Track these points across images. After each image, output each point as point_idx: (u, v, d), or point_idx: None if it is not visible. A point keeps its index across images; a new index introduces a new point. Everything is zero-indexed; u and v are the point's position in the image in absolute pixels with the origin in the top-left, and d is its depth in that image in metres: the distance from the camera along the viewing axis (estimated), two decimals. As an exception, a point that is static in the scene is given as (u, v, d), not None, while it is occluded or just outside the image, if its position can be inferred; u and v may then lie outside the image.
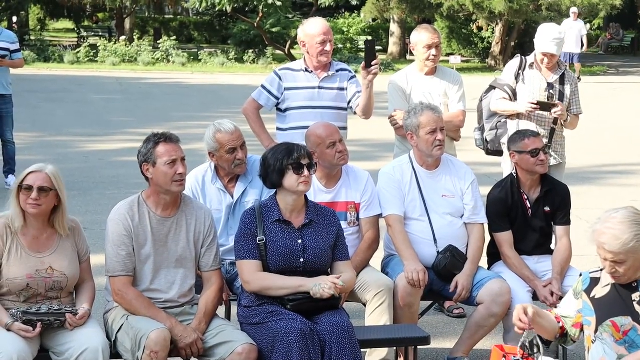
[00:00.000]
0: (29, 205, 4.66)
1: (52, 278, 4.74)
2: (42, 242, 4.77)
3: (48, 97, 21.38)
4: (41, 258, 4.74)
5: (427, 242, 5.61)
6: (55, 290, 4.77)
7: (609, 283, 4.32)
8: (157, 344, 4.52)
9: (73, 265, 4.82)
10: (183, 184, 4.86)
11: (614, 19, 42.31)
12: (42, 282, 4.73)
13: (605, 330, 4.24)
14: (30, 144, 14.17)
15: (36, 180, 4.67)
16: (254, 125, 6.65)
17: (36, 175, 4.68)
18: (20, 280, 4.69)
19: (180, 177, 4.80)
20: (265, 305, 4.83)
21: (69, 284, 4.82)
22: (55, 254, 4.77)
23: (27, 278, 4.70)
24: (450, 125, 6.36)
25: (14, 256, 4.71)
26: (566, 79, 6.97)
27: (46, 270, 4.73)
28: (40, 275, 4.72)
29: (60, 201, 4.75)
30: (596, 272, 4.40)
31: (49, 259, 4.75)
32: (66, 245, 4.82)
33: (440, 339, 6.23)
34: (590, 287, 4.35)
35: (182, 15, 51.51)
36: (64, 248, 4.81)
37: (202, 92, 24.01)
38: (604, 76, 32.41)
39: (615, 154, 14.89)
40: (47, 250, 4.77)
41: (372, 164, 9.26)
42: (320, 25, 6.43)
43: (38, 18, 47.65)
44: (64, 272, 4.77)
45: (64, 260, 4.78)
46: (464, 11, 33.50)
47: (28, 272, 4.70)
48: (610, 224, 4.21)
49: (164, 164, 4.77)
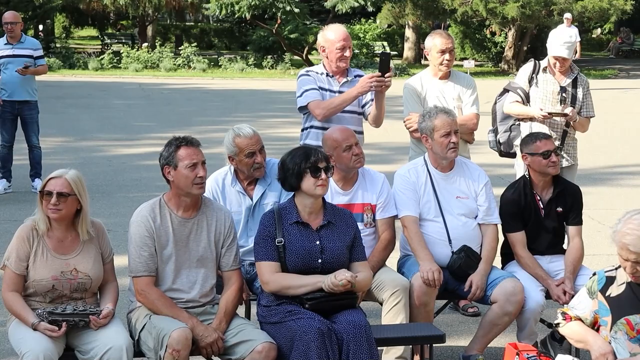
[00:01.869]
0: (49, 210, 4.76)
1: (76, 279, 4.83)
2: (66, 244, 4.86)
3: (73, 103, 21.56)
4: (66, 260, 4.83)
5: (442, 242, 5.68)
6: (79, 291, 4.86)
7: (624, 282, 4.35)
8: (179, 342, 4.58)
9: (97, 266, 4.90)
10: (203, 187, 4.94)
11: (624, 23, 42.29)
12: (67, 284, 4.81)
13: (619, 328, 4.28)
14: (55, 148, 14.34)
15: (56, 185, 4.76)
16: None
17: (56, 181, 4.78)
18: (46, 282, 4.78)
19: (200, 180, 4.87)
20: (284, 304, 4.90)
21: (93, 285, 4.91)
22: (79, 256, 4.86)
23: (53, 279, 4.79)
24: (463, 128, 6.41)
25: (39, 258, 4.80)
26: (578, 83, 7.02)
27: (71, 272, 4.82)
28: (65, 277, 4.81)
29: (81, 205, 4.84)
30: (611, 271, 4.42)
31: (73, 260, 4.84)
32: (90, 247, 4.91)
33: (455, 337, 6.29)
34: (606, 286, 4.38)
35: (202, 23, 51.65)
36: (88, 250, 4.89)
37: (222, 97, 24.11)
38: (614, 79, 32.36)
39: (626, 155, 14.91)
40: (71, 253, 4.86)
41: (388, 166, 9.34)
42: (340, 31, 6.47)
43: (63, 26, 47.95)
44: (88, 273, 4.86)
45: (88, 262, 4.87)
46: (478, 16, 33.59)
47: (53, 273, 4.79)
48: (633, 225, 4.24)
49: (185, 167, 4.86)
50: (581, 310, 4.52)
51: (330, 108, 6.30)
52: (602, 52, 45.98)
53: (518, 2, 31.03)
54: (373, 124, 6.59)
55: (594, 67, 35.65)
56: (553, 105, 6.94)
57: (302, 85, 6.45)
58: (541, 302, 5.55)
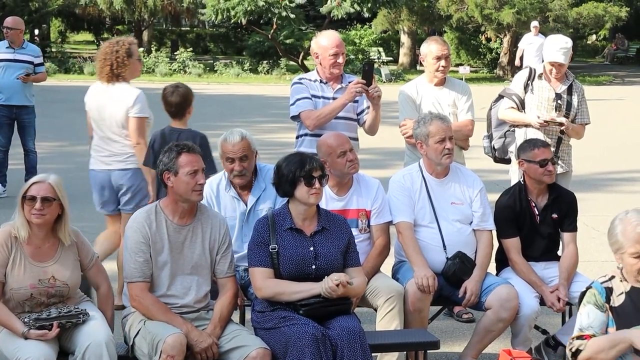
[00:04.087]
0: (33, 215, 4.72)
1: (54, 287, 4.82)
2: (44, 251, 4.83)
3: (69, 108, 21.51)
4: (43, 267, 4.81)
5: (437, 248, 5.68)
6: (56, 296, 4.85)
7: (623, 292, 4.30)
8: (174, 348, 4.59)
9: (75, 275, 4.89)
10: (202, 194, 4.96)
11: (619, 29, 42.46)
12: (45, 292, 4.80)
13: None
14: (51, 153, 14.32)
15: (39, 190, 4.73)
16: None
17: (39, 186, 4.75)
18: (24, 290, 4.76)
19: (200, 187, 4.89)
20: (278, 310, 4.91)
21: (71, 292, 4.90)
22: (57, 264, 4.84)
23: (31, 288, 4.77)
24: (459, 134, 6.44)
25: (17, 266, 4.77)
26: (574, 90, 7.04)
27: (48, 279, 4.80)
28: (42, 285, 4.79)
29: (63, 210, 4.82)
30: (606, 282, 4.35)
31: (51, 268, 4.82)
32: (68, 254, 4.88)
33: (449, 343, 6.29)
34: (608, 297, 4.32)
35: (198, 28, 51.68)
36: (66, 257, 4.87)
37: (217, 102, 24.10)
38: (609, 86, 32.45)
39: (621, 161, 14.95)
40: (49, 260, 4.83)
41: (383, 171, 9.34)
42: (333, 38, 6.49)
43: (59, 31, 47.93)
44: (66, 282, 4.84)
45: (66, 270, 4.85)
46: (473, 23, 33.71)
47: (31, 281, 4.77)
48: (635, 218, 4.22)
49: (185, 173, 4.86)
50: (598, 327, 4.32)
51: (321, 118, 6.32)
52: (597, 59, 46.13)
53: (513, 9, 31.15)
54: (368, 132, 6.61)
55: (589, 74, 35.75)
56: (548, 111, 6.95)
57: (294, 94, 6.47)
58: (535, 308, 5.56)
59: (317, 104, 6.43)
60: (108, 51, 6.83)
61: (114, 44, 6.84)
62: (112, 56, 6.83)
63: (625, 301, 4.30)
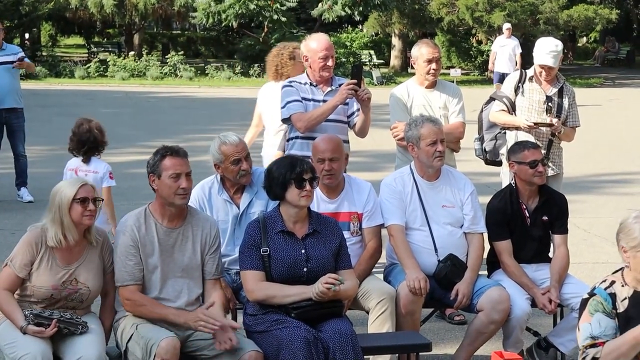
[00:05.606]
0: (85, 217, 4.79)
1: (75, 289, 4.86)
2: (74, 254, 4.88)
3: (60, 111, 21.50)
4: (69, 270, 4.85)
5: (428, 251, 5.69)
6: (75, 301, 4.88)
7: (626, 297, 4.26)
8: (168, 352, 4.58)
9: (97, 278, 4.93)
10: (186, 198, 4.94)
11: (609, 32, 42.64)
12: (66, 293, 4.85)
13: None
14: (42, 157, 14.28)
15: (88, 192, 4.81)
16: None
17: (86, 188, 4.83)
18: (45, 290, 4.81)
19: (183, 191, 4.87)
20: (270, 313, 4.91)
21: (90, 297, 4.94)
22: (82, 266, 4.88)
23: (52, 289, 4.81)
24: (450, 136, 6.43)
25: (44, 266, 4.81)
26: (564, 92, 7.06)
27: (71, 282, 4.85)
28: (65, 287, 4.84)
29: None
30: (609, 287, 4.28)
31: (76, 271, 4.86)
32: (93, 256, 4.93)
33: (441, 346, 6.30)
34: (613, 304, 4.25)
35: (189, 31, 51.64)
36: (91, 260, 4.92)
37: (209, 106, 24.10)
38: (600, 88, 32.55)
39: (612, 163, 14.98)
40: (75, 262, 4.87)
41: (374, 174, 9.35)
42: (322, 41, 6.48)
43: (49, 34, 47.83)
44: (88, 285, 4.88)
45: (89, 272, 4.89)
46: (464, 25, 33.80)
47: (54, 283, 4.81)
48: None
49: (168, 177, 4.86)
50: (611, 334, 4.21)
51: (311, 120, 6.32)
52: (588, 61, 46.27)
53: (504, 11, 31.21)
54: (358, 135, 6.62)
55: (580, 76, 35.85)
56: (539, 114, 6.97)
57: (285, 97, 6.47)
58: (527, 310, 5.57)
59: (308, 106, 6.42)
60: (275, 54, 7.59)
61: (281, 48, 7.59)
62: (277, 58, 7.53)
63: (629, 306, 4.25)
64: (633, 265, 4.23)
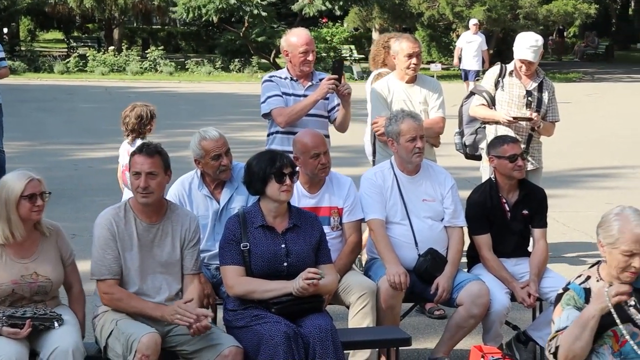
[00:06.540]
0: (34, 212, 4.75)
1: (36, 283, 4.80)
2: (26, 247, 4.82)
3: (38, 107, 21.40)
4: (25, 264, 4.80)
5: (408, 245, 5.70)
6: (40, 294, 4.83)
7: None
8: (149, 347, 4.57)
9: (57, 269, 4.89)
10: (148, 197, 4.86)
11: (589, 27, 42.85)
12: (27, 287, 4.78)
13: (605, 342, 4.19)
14: (21, 152, 14.22)
15: (35, 188, 4.75)
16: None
17: (34, 183, 4.76)
18: (6, 286, 4.74)
19: (143, 190, 4.83)
20: (250, 309, 4.90)
21: (54, 288, 4.89)
22: (39, 259, 4.84)
23: (12, 284, 4.75)
24: (430, 131, 6.44)
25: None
26: (544, 87, 7.09)
27: (31, 275, 4.79)
28: (25, 281, 4.77)
29: None
30: (584, 283, 4.29)
31: (33, 264, 4.81)
32: (49, 249, 4.89)
33: (421, 340, 6.31)
34: (586, 299, 4.25)
35: (169, 26, 51.50)
36: (47, 252, 4.87)
37: (189, 101, 24.04)
38: (579, 82, 32.70)
39: (591, 158, 15.08)
40: (31, 256, 4.83)
41: (355, 169, 9.35)
42: (302, 35, 6.49)
43: (28, 29, 47.58)
44: (48, 276, 4.83)
45: (48, 264, 4.85)
46: (444, 20, 33.85)
47: (13, 277, 4.75)
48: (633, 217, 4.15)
49: (132, 174, 4.88)
50: None
51: (292, 115, 6.32)
52: (567, 56, 46.47)
53: (484, 6, 31.30)
54: (339, 129, 6.63)
55: (559, 71, 36.02)
56: (519, 108, 7.00)
57: (265, 92, 6.47)
58: (506, 304, 5.59)
59: (288, 101, 6.43)
60: (374, 43, 8.19)
61: (380, 38, 8.07)
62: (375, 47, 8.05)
63: None
64: (609, 260, 4.25)
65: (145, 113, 7.29)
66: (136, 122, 7.30)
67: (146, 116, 7.29)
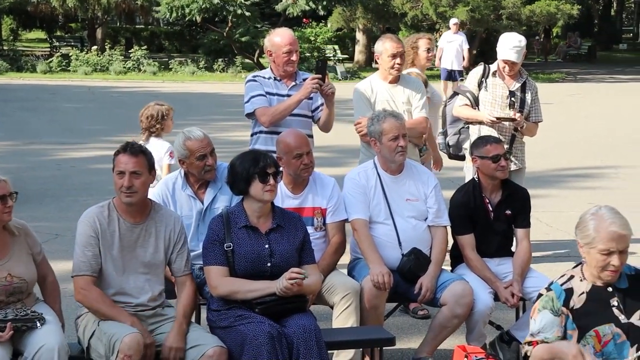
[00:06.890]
0: (5, 214, 4.73)
1: (12, 284, 4.78)
2: None
3: (21, 106, 21.31)
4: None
5: (392, 245, 5.70)
6: (16, 294, 4.81)
7: (584, 291, 4.28)
8: (131, 348, 4.55)
9: (30, 268, 4.87)
10: (131, 197, 4.84)
11: (571, 27, 43.09)
12: (3, 290, 4.76)
13: (587, 342, 4.21)
14: (3, 152, 14.16)
15: (4, 189, 4.73)
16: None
17: (2, 185, 4.74)
18: None
19: (127, 190, 4.81)
20: (233, 309, 4.90)
21: (29, 287, 4.87)
22: (11, 261, 4.81)
23: None
24: (413, 131, 6.46)
25: None
26: (527, 87, 7.11)
27: (5, 277, 4.76)
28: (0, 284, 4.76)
29: None
30: (566, 283, 4.32)
31: (6, 265, 4.79)
32: (20, 249, 4.87)
33: (405, 340, 6.32)
34: (568, 299, 4.27)
35: (152, 25, 51.41)
36: (19, 252, 4.85)
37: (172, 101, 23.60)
38: (562, 83, 32.85)
39: (573, 158, 15.14)
40: (3, 258, 4.80)
41: (338, 169, 9.36)
42: (286, 35, 6.48)
43: (11, 28, 47.36)
44: (23, 277, 4.82)
45: (21, 265, 4.83)
46: (427, 20, 33.93)
47: None
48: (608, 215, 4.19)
49: (116, 173, 4.86)
50: (550, 332, 4.27)
51: (276, 114, 6.32)
52: (550, 56, 46.67)
53: (468, 6, 31.40)
54: (322, 129, 6.63)
55: (542, 71, 36.17)
56: (502, 109, 7.02)
57: (249, 92, 6.46)
58: (490, 304, 5.60)
59: (272, 101, 6.42)
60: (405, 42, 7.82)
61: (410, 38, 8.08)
62: None
63: (586, 301, 4.27)
64: (588, 260, 4.27)
65: (157, 112, 7.38)
66: (147, 121, 7.38)
67: (157, 115, 7.37)
